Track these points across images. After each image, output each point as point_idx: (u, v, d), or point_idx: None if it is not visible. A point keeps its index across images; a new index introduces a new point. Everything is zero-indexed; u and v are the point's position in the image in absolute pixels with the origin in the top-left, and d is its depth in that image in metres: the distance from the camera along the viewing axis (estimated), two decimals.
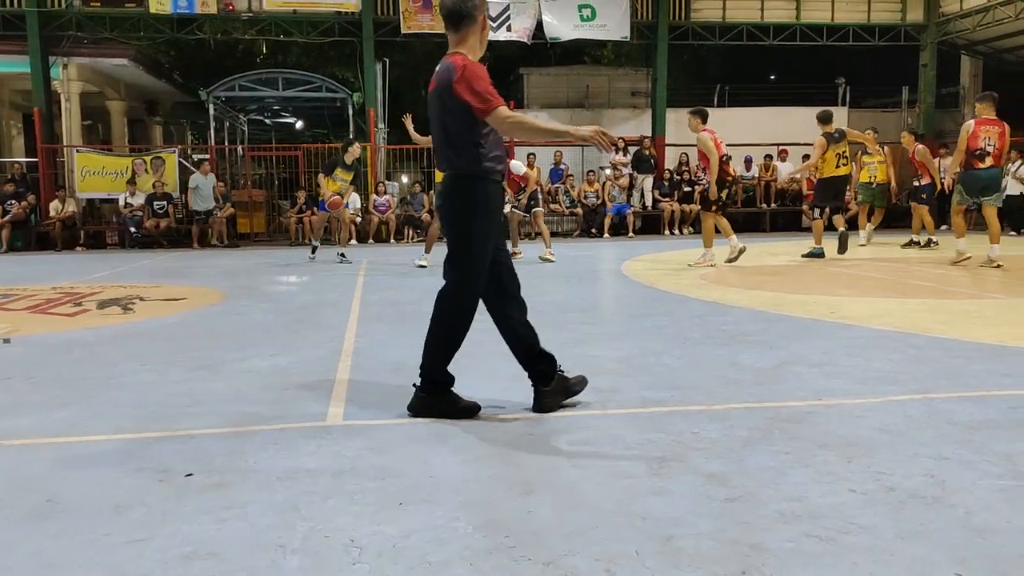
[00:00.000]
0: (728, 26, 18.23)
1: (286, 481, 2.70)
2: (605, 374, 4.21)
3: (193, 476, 2.76)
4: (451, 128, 3.32)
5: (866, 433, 3.14)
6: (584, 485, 2.64)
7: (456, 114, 3.26)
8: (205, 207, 15.19)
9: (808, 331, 5.42)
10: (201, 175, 15.20)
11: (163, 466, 2.86)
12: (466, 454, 2.96)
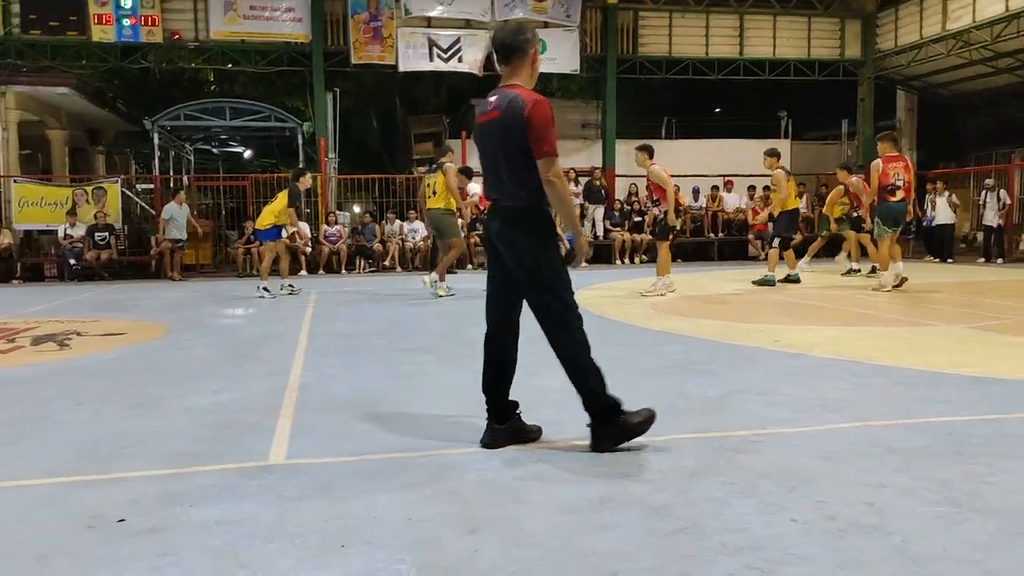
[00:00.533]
0: (674, 60, 18.63)
1: (224, 525, 2.62)
2: (552, 406, 4.19)
3: (125, 521, 2.66)
4: (516, 159, 3.33)
5: (808, 462, 3.18)
6: (530, 522, 2.62)
7: (522, 146, 3.30)
8: (180, 236, 14.84)
9: (753, 360, 5.50)
10: (176, 205, 14.84)
11: (94, 511, 2.76)
12: (412, 492, 2.92)
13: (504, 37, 3.43)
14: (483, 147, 3.50)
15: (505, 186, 3.37)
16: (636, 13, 18.32)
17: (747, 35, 18.84)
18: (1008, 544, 2.37)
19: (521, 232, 3.35)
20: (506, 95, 3.35)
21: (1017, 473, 2.99)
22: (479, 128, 3.50)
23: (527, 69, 3.44)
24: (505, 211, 3.40)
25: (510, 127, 3.29)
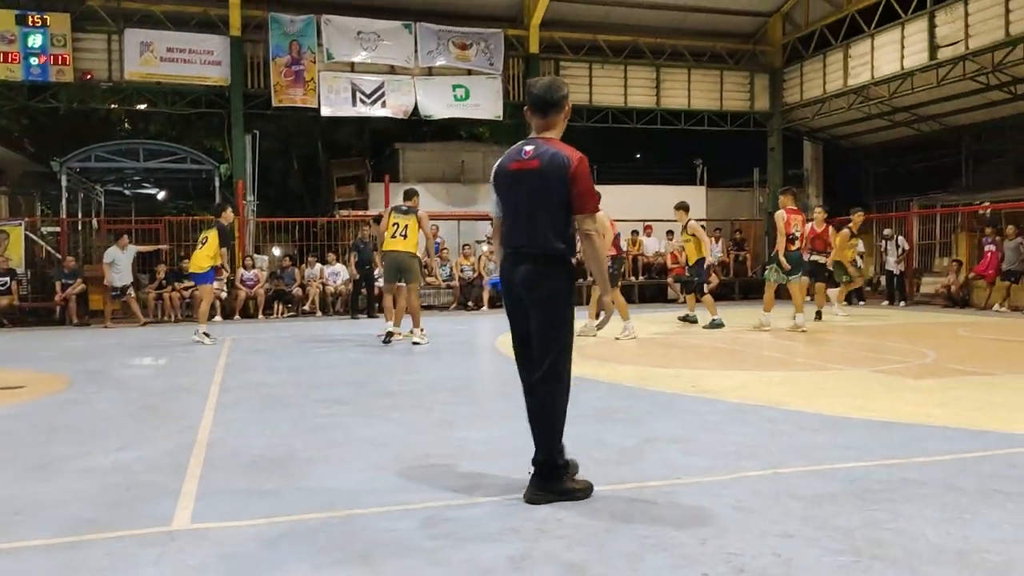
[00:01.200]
0: (595, 108, 19.10)
1: None
2: (472, 458, 4.18)
3: None
4: (557, 211, 3.44)
5: (721, 512, 3.23)
6: None
7: (562, 199, 3.42)
8: (123, 282, 14.20)
9: (670, 406, 5.58)
10: (119, 249, 14.20)
11: None
12: (321, 557, 2.83)
13: (542, 93, 3.54)
14: (512, 193, 3.55)
15: (538, 235, 3.45)
16: (557, 62, 18.76)
17: (663, 86, 19.50)
18: None
19: (553, 278, 3.47)
20: (546, 148, 3.47)
21: (916, 519, 3.09)
22: (510, 175, 3.55)
23: (561, 123, 3.60)
24: (535, 259, 3.48)
25: (553, 180, 3.41)
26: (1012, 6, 14.20)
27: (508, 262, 3.58)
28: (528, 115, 3.62)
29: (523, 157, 3.49)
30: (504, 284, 3.62)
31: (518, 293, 3.51)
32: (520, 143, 3.59)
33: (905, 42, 16.52)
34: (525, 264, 3.48)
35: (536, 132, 3.59)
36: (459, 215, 18.39)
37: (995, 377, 6.64)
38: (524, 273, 3.47)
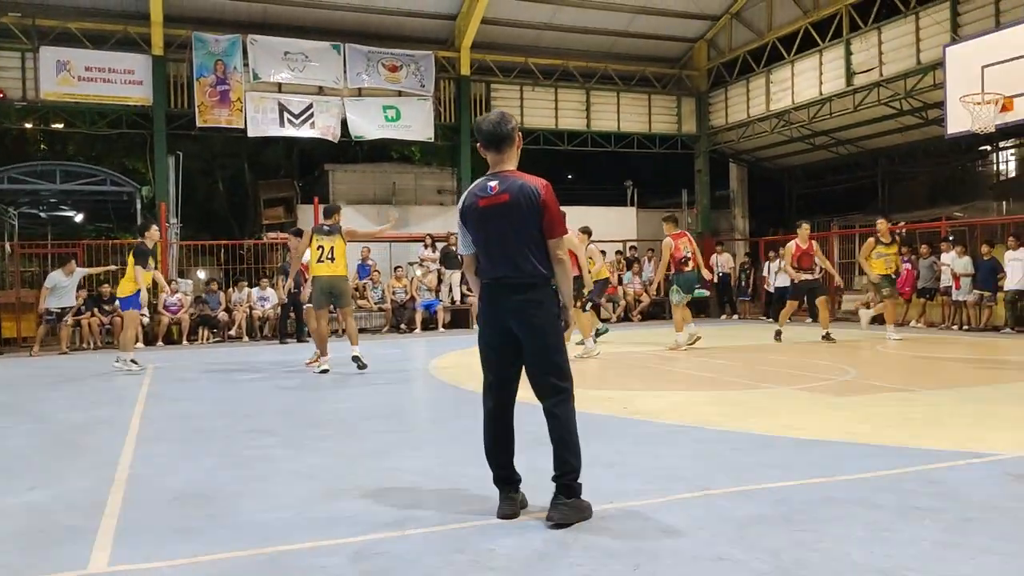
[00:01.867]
0: (527, 131, 19.21)
1: None
2: (405, 489, 4.11)
3: None
4: (536, 240, 3.57)
5: (652, 536, 3.25)
6: None
7: (536, 227, 3.55)
8: (61, 306, 13.53)
9: (603, 429, 5.60)
10: (63, 274, 13.50)
11: None
12: None
13: (492, 128, 3.63)
14: (487, 228, 3.62)
15: (522, 265, 3.56)
16: (488, 85, 18.90)
17: (593, 109, 19.82)
18: None
19: (545, 305, 3.58)
20: (512, 181, 3.59)
21: (840, 538, 3.16)
22: (481, 211, 3.61)
23: (515, 154, 3.70)
24: (526, 287, 3.56)
25: (525, 210, 3.54)
26: (922, 35, 14.93)
27: (493, 294, 3.64)
28: (483, 152, 3.71)
29: (491, 193, 3.58)
30: (488, 316, 3.67)
31: (506, 324, 3.59)
32: (482, 179, 3.67)
33: (823, 68, 17.18)
34: (517, 294, 3.57)
35: (494, 167, 3.67)
36: (391, 237, 18.22)
37: (912, 393, 6.88)
38: (517, 303, 3.56)
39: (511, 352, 3.62)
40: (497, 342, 3.64)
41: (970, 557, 2.94)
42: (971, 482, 3.97)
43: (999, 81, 11.89)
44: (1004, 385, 7.30)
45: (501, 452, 3.67)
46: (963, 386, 7.23)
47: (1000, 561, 2.90)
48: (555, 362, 3.60)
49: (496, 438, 3.68)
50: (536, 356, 3.59)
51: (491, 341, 3.67)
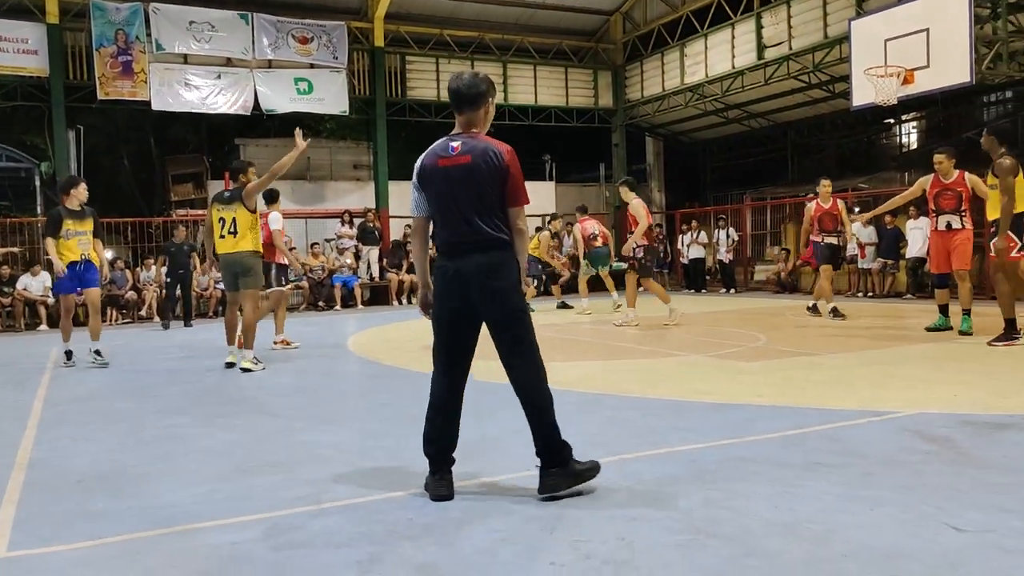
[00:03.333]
0: (444, 104, 19.03)
1: None
2: (321, 463, 4.06)
3: None
4: (494, 204, 3.42)
5: (569, 501, 3.29)
6: None
7: (496, 193, 3.40)
8: None
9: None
10: None
11: None
12: None
13: (461, 87, 3.49)
14: (444, 190, 3.46)
15: (480, 229, 3.40)
16: (403, 57, 18.60)
17: (511, 83, 19.74)
18: (740, 567, 2.58)
19: (505, 271, 3.41)
20: (476, 143, 3.44)
21: (749, 496, 3.26)
22: (440, 171, 3.45)
23: (484, 120, 3.56)
24: (486, 248, 3.41)
25: (486, 174, 3.39)
26: (829, 9, 15.36)
27: (450, 257, 3.46)
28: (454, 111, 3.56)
29: (451, 153, 3.43)
30: (443, 284, 3.48)
31: (463, 292, 3.41)
32: (444, 139, 3.52)
33: (735, 42, 17.52)
34: (476, 254, 3.40)
35: (460, 127, 3.54)
36: (306, 213, 17.91)
37: (817, 357, 7.15)
38: (479, 263, 3.39)
39: (467, 324, 3.47)
40: (452, 313, 3.47)
41: (869, 508, 3.08)
42: (871, 439, 4.15)
43: (901, 54, 12.35)
44: (904, 347, 7.66)
45: (444, 436, 3.48)
46: (866, 350, 7.55)
47: (898, 510, 3.04)
48: (518, 329, 3.44)
49: (442, 424, 3.50)
50: (498, 324, 3.44)
51: (444, 312, 3.49)
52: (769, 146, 22.62)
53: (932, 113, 19.34)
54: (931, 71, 12.07)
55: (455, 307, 3.45)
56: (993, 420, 4.44)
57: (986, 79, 12.59)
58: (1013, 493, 3.18)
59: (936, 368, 6.31)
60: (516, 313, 3.44)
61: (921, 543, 2.71)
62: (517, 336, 3.44)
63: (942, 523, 2.88)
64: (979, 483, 3.33)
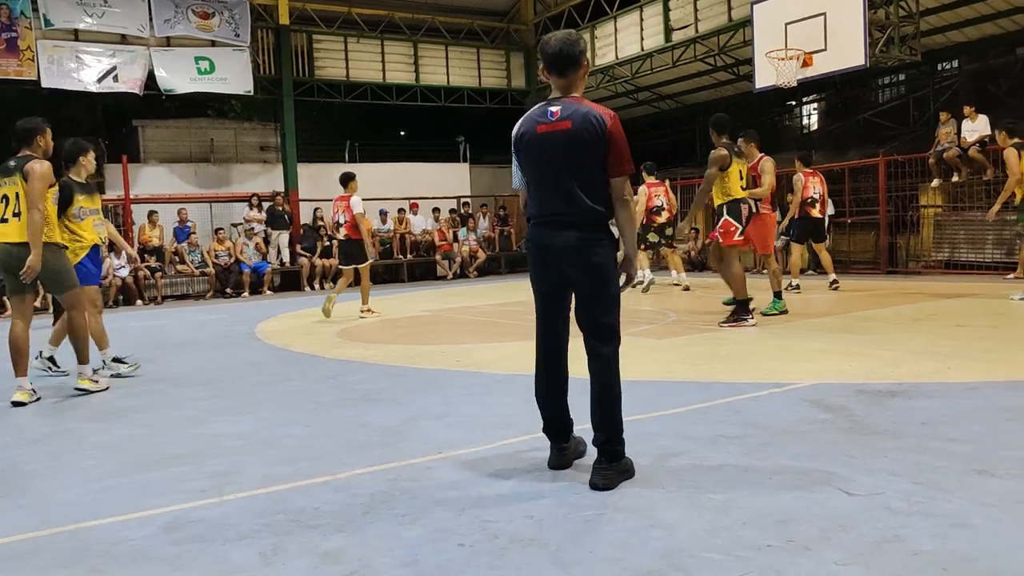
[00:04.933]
0: (353, 84, 18.71)
1: None
2: (225, 454, 3.95)
3: None
4: (595, 174, 3.23)
5: (478, 481, 3.29)
6: None
7: (598, 161, 3.21)
8: None
9: (435, 382, 5.62)
10: None
11: None
12: None
13: (557, 50, 3.27)
14: (542, 157, 3.29)
15: (578, 200, 3.22)
16: (310, 36, 18.13)
17: (422, 63, 19.51)
18: (644, 538, 2.63)
19: (602, 246, 3.25)
20: (576, 107, 3.24)
21: (652, 470, 3.33)
22: (539, 138, 3.28)
23: (582, 82, 3.35)
24: (580, 224, 3.23)
25: (588, 142, 3.19)
26: None
27: (544, 229, 3.30)
28: (545, 76, 3.37)
29: (551, 119, 3.24)
30: (538, 257, 3.34)
31: (558, 266, 3.27)
32: (542, 104, 3.33)
33: (644, 25, 17.73)
34: (569, 230, 3.23)
35: (560, 92, 3.33)
36: (210, 197, 17.34)
37: (721, 332, 7.36)
38: (570, 240, 3.23)
39: (562, 297, 3.35)
40: (548, 286, 3.35)
41: (767, 477, 3.19)
42: (772, 410, 4.29)
43: (801, 38, 12.75)
44: (804, 321, 7.95)
45: (553, 402, 3.42)
46: (769, 325, 7.81)
47: (794, 477, 3.16)
48: (607, 308, 3.28)
49: (549, 386, 3.42)
50: (588, 300, 3.29)
51: (541, 285, 3.38)
52: (678, 128, 23.07)
53: (831, 95, 20.07)
54: (828, 54, 12.50)
55: (550, 280, 3.34)
56: (884, 388, 4.66)
57: (880, 62, 13.12)
58: (901, 457, 3.35)
59: (833, 341, 6.57)
60: (610, 293, 3.29)
61: (815, 507, 2.82)
62: (607, 319, 3.29)
63: (835, 488, 3.01)
64: (870, 449, 3.48)
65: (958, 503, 2.79)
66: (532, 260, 3.40)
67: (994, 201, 10.04)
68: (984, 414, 4.00)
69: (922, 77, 17.55)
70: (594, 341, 3.30)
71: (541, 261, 3.34)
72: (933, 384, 4.73)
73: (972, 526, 2.59)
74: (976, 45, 15.68)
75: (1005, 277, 11.39)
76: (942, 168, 13.27)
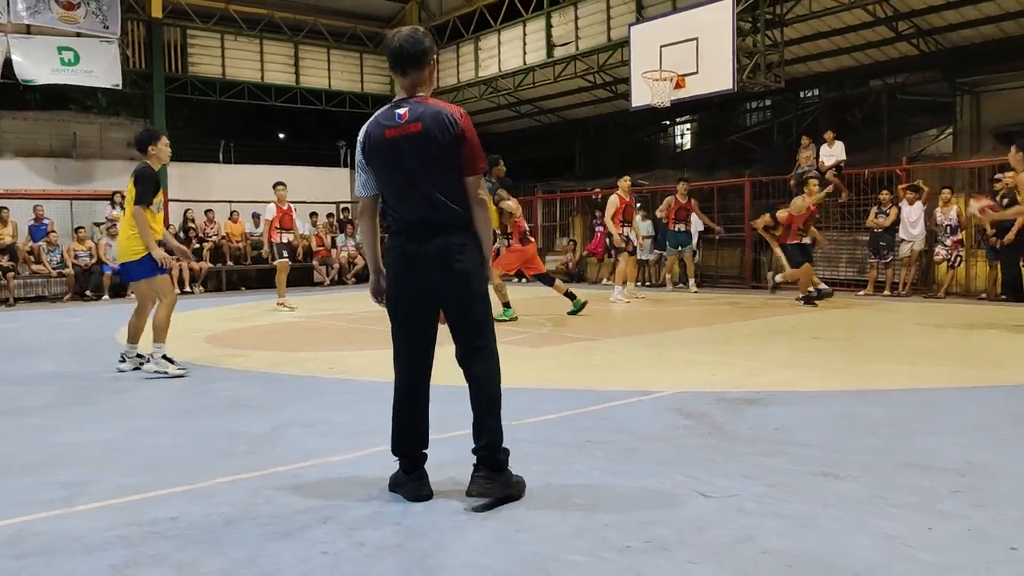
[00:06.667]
0: (229, 83, 18.13)
1: None
2: (79, 464, 3.72)
3: None
4: (452, 176, 3.09)
5: (347, 489, 3.25)
6: None
7: (453, 162, 3.08)
8: None
9: (307, 389, 5.50)
10: None
11: None
12: None
13: (404, 44, 3.09)
14: (395, 163, 3.10)
15: (441, 204, 3.07)
16: (184, 30, 17.46)
17: (303, 65, 19.13)
18: (510, 543, 2.66)
19: (469, 252, 3.12)
20: (426, 107, 3.08)
21: (523, 476, 3.36)
22: (388, 143, 3.08)
23: (429, 81, 3.19)
24: (447, 229, 3.08)
25: (442, 143, 3.05)
26: (613, 13, 16.19)
27: (408, 238, 3.10)
28: (393, 75, 3.21)
29: (400, 122, 3.06)
30: (402, 269, 3.12)
31: (424, 276, 3.08)
32: (388, 107, 3.15)
33: (527, 39, 18.03)
34: (438, 237, 3.06)
35: (405, 92, 3.16)
36: (71, 194, 16.33)
37: (595, 342, 7.55)
38: (440, 247, 3.06)
39: (431, 311, 3.16)
40: (414, 300, 3.13)
41: (631, 481, 3.29)
42: (638, 417, 4.44)
43: (674, 60, 13.29)
44: (673, 332, 8.27)
45: (412, 439, 3.20)
46: (640, 334, 8.07)
47: (656, 481, 3.27)
48: (479, 316, 3.17)
49: (410, 422, 3.21)
50: (459, 309, 3.14)
51: (406, 299, 3.14)
52: (559, 141, 23.54)
53: (704, 117, 20.98)
54: (700, 77, 13.09)
55: (415, 293, 3.13)
56: (743, 396, 4.90)
57: (747, 87, 13.83)
58: (755, 461, 3.53)
59: (700, 351, 6.86)
60: (480, 299, 3.16)
61: (674, 510, 2.94)
62: (479, 325, 3.17)
63: (693, 491, 3.14)
64: (727, 454, 3.66)
65: (804, 504, 2.97)
66: (395, 272, 3.16)
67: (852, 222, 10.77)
68: (833, 421, 4.28)
69: (786, 103, 18.60)
70: (469, 350, 3.20)
71: (406, 272, 3.13)
72: (788, 392, 5.01)
73: (816, 525, 2.76)
74: (835, 76, 16.79)
75: (857, 294, 12.22)
76: (802, 190, 14.09)
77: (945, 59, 14.82)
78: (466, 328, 3.18)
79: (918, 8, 13.66)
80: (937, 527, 2.72)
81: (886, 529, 2.71)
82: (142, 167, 6.11)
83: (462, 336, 3.20)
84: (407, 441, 3.22)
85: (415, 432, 3.23)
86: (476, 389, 3.20)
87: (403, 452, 3.22)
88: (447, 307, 3.17)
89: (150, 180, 6.07)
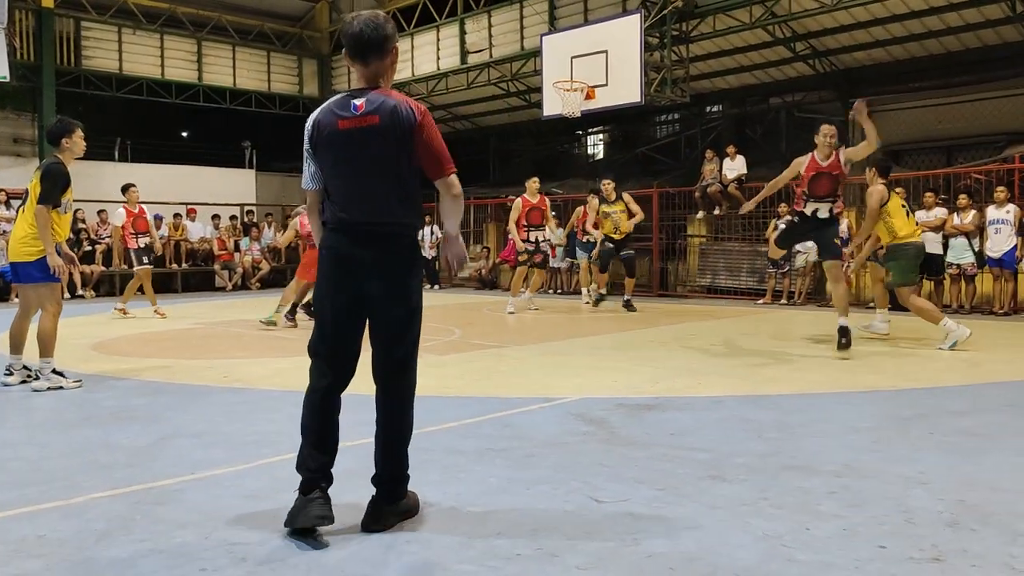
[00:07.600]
0: (126, 78, 17.42)
1: None
2: None
3: None
4: (404, 176, 2.87)
5: (233, 503, 3.12)
6: None
7: (411, 162, 2.86)
8: None
9: (197, 399, 5.29)
10: None
11: None
12: None
13: (365, 30, 2.85)
14: (344, 156, 2.85)
15: (384, 205, 2.85)
16: (78, 22, 16.69)
17: (206, 62, 18.56)
18: (398, 552, 2.60)
19: (408, 262, 2.91)
20: (385, 99, 2.83)
21: (420, 484, 3.26)
22: (341, 134, 2.83)
23: (391, 70, 2.98)
24: (384, 239, 2.85)
25: (397, 139, 2.81)
26: (526, 23, 16.32)
27: (344, 238, 2.87)
28: (349, 63, 2.97)
29: (355, 112, 2.82)
30: (334, 271, 2.89)
31: (356, 282, 2.85)
32: (344, 95, 2.91)
33: (440, 45, 17.99)
34: (375, 244, 2.84)
35: (365, 83, 2.92)
36: None
37: (503, 348, 7.55)
38: (375, 255, 2.83)
39: (358, 318, 2.91)
40: (342, 305, 2.88)
41: (526, 488, 3.28)
42: (538, 423, 4.44)
43: (585, 71, 13.48)
44: (578, 339, 8.34)
45: (324, 450, 2.90)
46: (545, 341, 8.11)
47: (551, 487, 3.27)
48: (411, 335, 2.92)
49: (323, 433, 2.90)
50: (388, 324, 2.89)
51: (334, 303, 2.90)
52: (474, 148, 23.54)
53: (615, 128, 21.35)
54: (609, 89, 13.32)
55: (344, 299, 2.88)
56: (642, 402, 4.97)
57: (654, 101, 14.15)
58: (648, 466, 3.57)
59: (603, 357, 6.94)
60: (413, 313, 2.92)
61: (566, 515, 2.93)
62: (407, 344, 2.93)
63: (587, 496, 3.15)
64: (623, 458, 3.69)
65: (692, 507, 3.01)
66: (326, 272, 2.94)
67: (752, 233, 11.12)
68: (724, 425, 4.38)
69: (692, 117, 19.12)
70: (390, 365, 2.94)
71: (337, 273, 2.90)
72: (685, 398, 5.11)
73: (701, 527, 2.80)
74: (737, 92, 17.37)
75: (756, 303, 12.63)
76: (706, 202, 14.51)
77: (839, 80, 15.54)
78: (391, 341, 2.92)
79: (814, 30, 14.28)
80: (814, 527, 2.80)
81: (766, 529, 2.77)
82: (52, 163, 5.65)
83: (386, 349, 2.93)
84: (312, 463, 2.89)
85: (322, 457, 2.91)
86: (389, 410, 2.96)
87: (306, 475, 2.87)
88: (375, 318, 2.92)
89: (59, 178, 5.58)
